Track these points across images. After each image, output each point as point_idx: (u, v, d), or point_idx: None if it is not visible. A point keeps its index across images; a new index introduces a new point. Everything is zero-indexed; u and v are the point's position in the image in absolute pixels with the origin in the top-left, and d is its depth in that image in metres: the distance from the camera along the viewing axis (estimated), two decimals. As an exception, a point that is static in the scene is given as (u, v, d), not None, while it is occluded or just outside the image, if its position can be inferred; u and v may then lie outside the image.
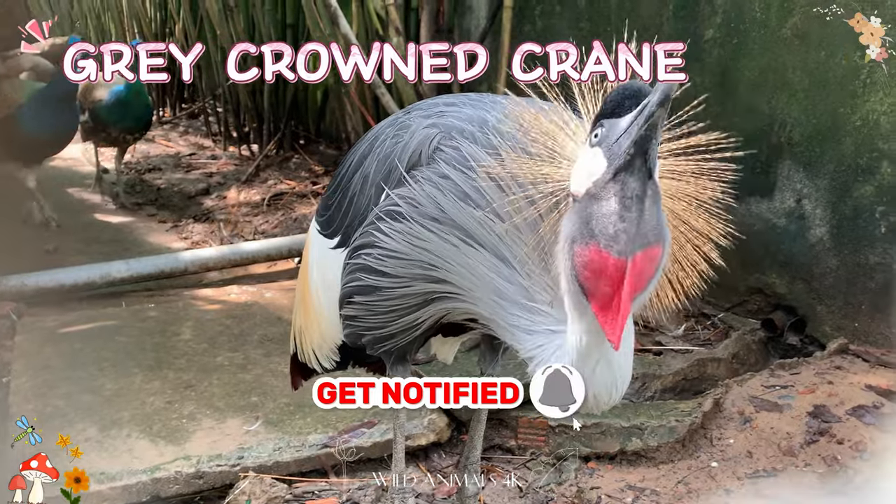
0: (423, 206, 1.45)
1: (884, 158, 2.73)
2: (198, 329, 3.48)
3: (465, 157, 1.42)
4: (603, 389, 1.31)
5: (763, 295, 3.20)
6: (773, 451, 2.45)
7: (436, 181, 1.44)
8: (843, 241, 2.90)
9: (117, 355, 3.20)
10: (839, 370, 2.76)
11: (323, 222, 1.74)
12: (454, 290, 1.46)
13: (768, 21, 3.03)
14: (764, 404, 2.62)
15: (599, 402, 1.32)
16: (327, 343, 1.85)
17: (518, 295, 1.39)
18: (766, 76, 3.07)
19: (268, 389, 2.88)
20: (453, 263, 1.43)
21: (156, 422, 2.67)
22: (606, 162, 1.20)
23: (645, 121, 1.15)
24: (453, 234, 1.42)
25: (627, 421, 2.55)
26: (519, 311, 1.39)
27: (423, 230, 1.44)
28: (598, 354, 1.29)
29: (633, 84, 1.24)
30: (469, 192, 1.40)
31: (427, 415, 2.62)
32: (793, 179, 3.03)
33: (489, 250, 1.40)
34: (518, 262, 1.38)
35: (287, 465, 2.43)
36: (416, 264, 1.47)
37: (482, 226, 1.39)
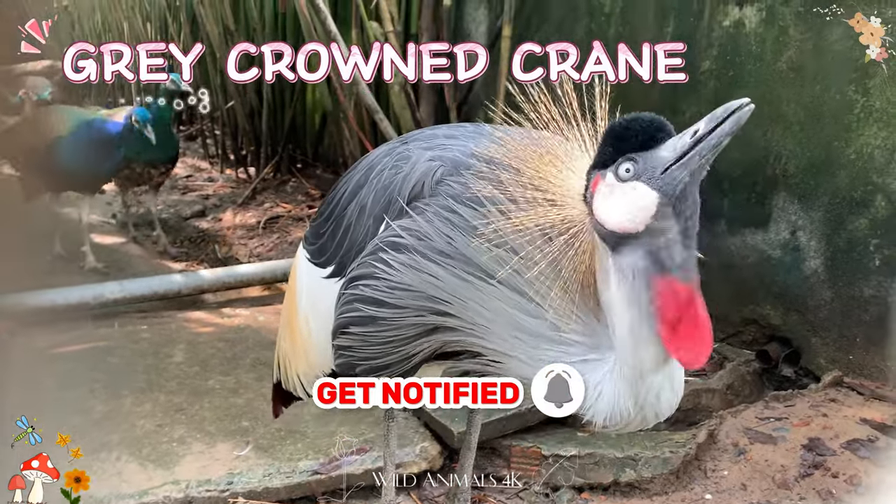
0: (430, 240, 1.44)
1: (878, 192, 2.75)
2: (190, 351, 3.46)
3: (474, 193, 1.41)
4: (666, 407, 1.36)
5: (758, 326, 3.20)
6: (767, 484, 2.43)
7: (444, 216, 1.43)
8: (837, 273, 2.90)
9: (108, 377, 3.17)
10: (834, 403, 2.75)
11: (314, 251, 1.73)
12: (460, 324, 1.45)
13: (764, 54, 3.06)
14: (758, 436, 2.61)
15: (659, 416, 1.37)
16: (314, 371, 1.83)
17: (545, 328, 1.38)
18: (762, 108, 3.09)
19: (259, 414, 2.85)
20: (464, 299, 1.42)
21: (145, 445, 2.64)
22: (658, 194, 1.22)
23: (711, 150, 1.19)
24: (464, 270, 1.41)
25: (621, 451, 2.53)
26: (547, 344, 1.38)
27: (431, 264, 1.43)
28: (660, 377, 1.32)
29: (653, 116, 1.26)
30: (480, 227, 1.40)
31: (419, 442, 2.59)
32: (788, 211, 3.04)
33: (508, 286, 1.39)
34: (541, 297, 1.37)
35: (277, 491, 2.40)
36: (422, 296, 1.46)
37: (497, 261, 1.38)
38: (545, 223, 1.33)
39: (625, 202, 1.24)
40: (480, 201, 1.40)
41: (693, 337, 1.26)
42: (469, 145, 1.50)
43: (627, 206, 1.24)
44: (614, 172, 1.25)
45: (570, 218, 1.32)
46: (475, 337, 1.45)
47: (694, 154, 1.19)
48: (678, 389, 1.36)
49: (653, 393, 1.32)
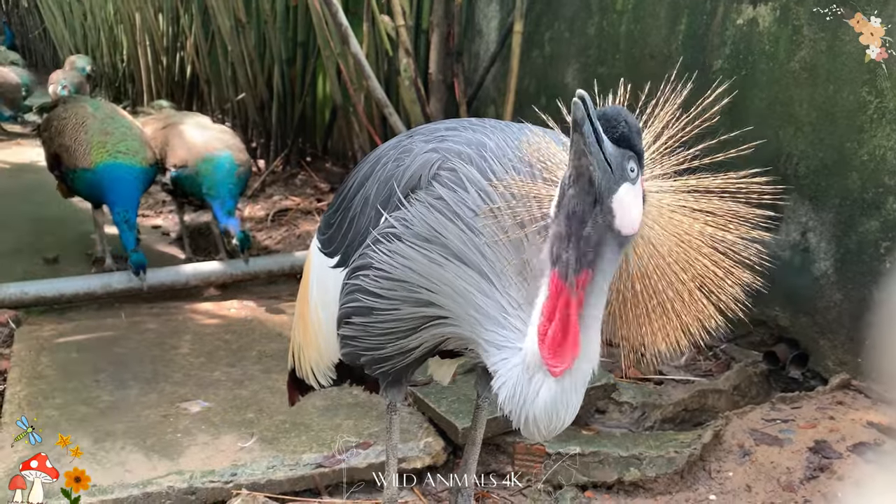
0: (414, 227, 1.45)
1: (890, 194, 2.73)
2: (196, 343, 3.46)
3: (460, 177, 1.42)
4: (542, 414, 1.30)
5: (766, 327, 3.18)
6: (772, 486, 2.41)
7: (429, 202, 1.44)
8: (847, 275, 2.88)
9: (114, 367, 3.19)
10: (841, 405, 2.73)
11: (324, 241, 1.74)
12: (442, 313, 1.46)
13: (777, 54, 3.04)
14: (764, 438, 2.59)
15: (539, 425, 1.31)
16: (325, 361, 1.85)
17: (494, 310, 1.38)
18: (774, 108, 3.07)
19: (264, 406, 2.86)
20: (437, 282, 1.43)
21: (150, 435, 2.65)
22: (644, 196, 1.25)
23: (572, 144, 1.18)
24: (439, 253, 1.42)
25: (626, 450, 2.52)
26: (494, 326, 1.38)
27: (410, 250, 1.44)
28: (544, 377, 1.28)
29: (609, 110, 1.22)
30: (459, 211, 1.40)
31: (423, 437, 2.59)
32: (798, 212, 3.02)
33: (473, 268, 1.39)
34: (497, 277, 1.38)
35: (280, 483, 2.41)
36: (405, 286, 1.47)
37: (468, 244, 1.39)
38: (536, 195, 1.33)
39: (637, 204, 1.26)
40: (466, 186, 1.40)
41: (558, 337, 1.26)
42: (467, 135, 1.51)
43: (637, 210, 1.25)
44: (637, 173, 1.25)
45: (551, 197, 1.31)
46: (452, 325, 1.46)
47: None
48: (561, 404, 1.29)
49: (533, 389, 1.29)
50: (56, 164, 4.23)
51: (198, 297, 4.14)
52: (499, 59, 4.57)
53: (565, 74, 4.12)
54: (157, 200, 5.89)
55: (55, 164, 4.24)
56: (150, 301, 4.02)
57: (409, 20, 4.77)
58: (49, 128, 4.23)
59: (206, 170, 4.16)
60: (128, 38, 9.67)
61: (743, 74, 3.16)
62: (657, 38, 3.53)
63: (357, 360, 1.65)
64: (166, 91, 8.79)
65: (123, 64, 10.31)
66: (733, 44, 3.20)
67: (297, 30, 6.23)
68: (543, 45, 4.25)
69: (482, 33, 4.73)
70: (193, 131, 4.37)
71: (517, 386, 1.30)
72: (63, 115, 4.16)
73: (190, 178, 4.22)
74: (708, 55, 3.29)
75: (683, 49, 3.40)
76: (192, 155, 4.22)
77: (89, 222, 4.60)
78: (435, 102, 4.73)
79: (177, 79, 8.72)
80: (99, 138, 4.01)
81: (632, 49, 3.68)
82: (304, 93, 6.39)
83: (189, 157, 4.23)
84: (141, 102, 8.92)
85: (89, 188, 4.10)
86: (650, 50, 3.55)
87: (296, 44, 6.28)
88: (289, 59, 6.34)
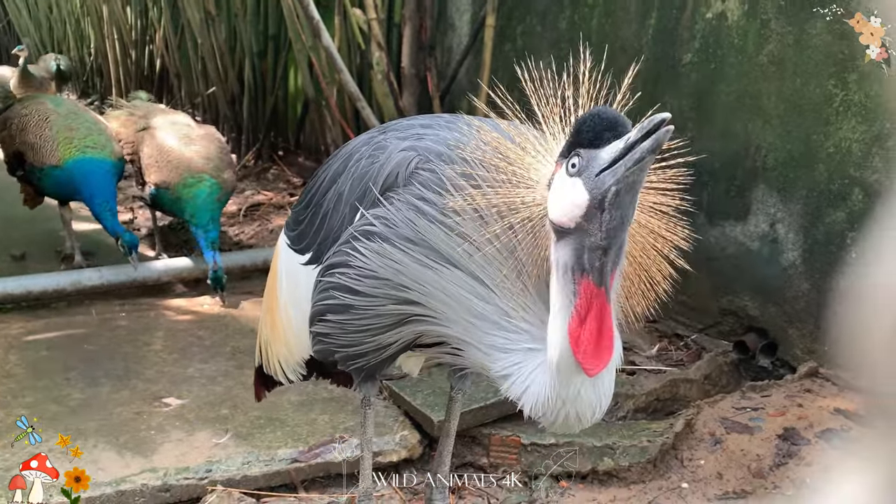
0: (398, 228, 1.44)
1: (855, 185, 2.78)
2: (169, 339, 3.44)
3: (442, 180, 1.42)
4: (587, 408, 1.33)
5: (736, 317, 3.23)
6: (742, 473, 2.46)
7: (413, 203, 1.44)
8: (814, 265, 2.93)
9: (85, 364, 3.15)
10: (809, 393, 2.78)
11: (294, 237, 1.73)
12: (427, 312, 1.46)
13: (745, 47, 3.07)
14: (735, 426, 2.63)
15: (582, 420, 1.35)
16: (294, 357, 1.84)
17: (496, 315, 1.39)
18: (743, 101, 3.11)
19: (238, 402, 2.84)
20: (427, 285, 1.43)
21: (123, 433, 2.62)
22: (589, 196, 1.20)
23: (634, 164, 1.15)
24: (428, 256, 1.42)
25: (599, 440, 2.55)
26: (496, 330, 1.39)
27: (397, 252, 1.44)
28: (582, 378, 1.30)
29: (608, 113, 1.23)
30: (445, 214, 1.40)
31: (399, 431, 2.60)
32: (766, 204, 3.06)
33: (465, 271, 1.40)
34: (495, 282, 1.38)
35: (256, 479, 2.40)
36: (390, 285, 1.47)
37: (458, 248, 1.39)
38: (512, 202, 1.33)
39: (565, 196, 1.24)
40: (448, 189, 1.40)
41: (595, 341, 1.27)
42: (444, 135, 1.50)
43: (565, 201, 1.24)
44: (565, 165, 1.25)
45: (536, 201, 1.32)
46: (438, 325, 1.46)
47: (621, 165, 1.17)
48: (602, 395, 1.33)
49: (573, 390, 1.31)
50: (19, 164, 4.14)
51: (170, 293, 4.10)
52: (471, 53, 4.57)
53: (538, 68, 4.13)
54: (127, 196, 5.81)
55: (17, 163, 4.15)
56: (122, 298, 3.97)
57: (381, 13, 4.76)
58: (8, 126, 4.14)
59: (188, 195, 3.95)
60: (95, 31, 9.52)
61: (712, 68, 3.20)
62: (628, 32, 3.56)
63: (330, 356, 1.65)
64: (135, 85, 8.67)
65: (91, 58, 10.14)
66: (703, 38, 3.23)
67: (268, 23, 6.18)
68: (516, 39, 4.26)
69: (454, 27, 4.73)
70: (175, 143, 4.09)
71: (550, 389, 1.32)
72: (24, 113, 4.09)
73: (171, 201, 4.04)
74: (678, 49, 3.32)
75: (654, 42, 3.43)
76: (175, 177, 3.97)
77: (57, 219, 4.53)
78: (408, 96, 4.73)
79: (146, 73, 8.60)
80: (65, 134, 3.95)
81: (602, 43, 3.70)
82: (276, 86, 6.34)
83: (171, 178, 3.98)
84: (110, 96, 8.79)
85: (59, 186, 4.03)
86: (621, 43, 3.58)
87: (267, 37, 6.23)
88: (260, 52, 6.29)
